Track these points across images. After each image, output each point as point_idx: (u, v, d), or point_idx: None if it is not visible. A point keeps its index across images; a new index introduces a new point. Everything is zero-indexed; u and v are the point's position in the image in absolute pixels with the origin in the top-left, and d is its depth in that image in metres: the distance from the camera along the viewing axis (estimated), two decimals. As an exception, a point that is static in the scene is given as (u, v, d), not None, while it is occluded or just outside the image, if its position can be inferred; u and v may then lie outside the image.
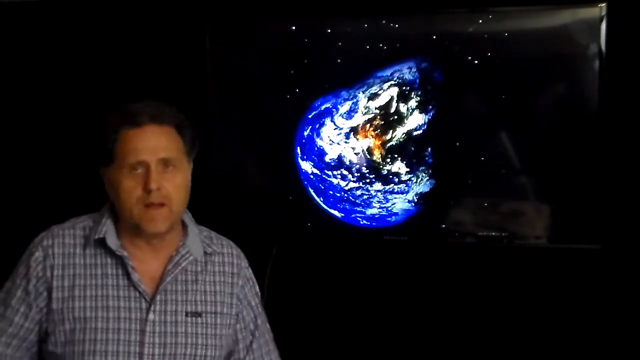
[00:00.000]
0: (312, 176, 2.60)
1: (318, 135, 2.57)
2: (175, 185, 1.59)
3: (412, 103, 2.49)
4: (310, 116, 2.57)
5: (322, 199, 2.60)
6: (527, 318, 2.59)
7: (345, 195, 2.57)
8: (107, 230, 1.62)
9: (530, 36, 2.42)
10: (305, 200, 2.60)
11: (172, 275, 1.62)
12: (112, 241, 1.61)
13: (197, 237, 1.69)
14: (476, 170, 2.47)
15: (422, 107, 2.48)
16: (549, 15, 2.41)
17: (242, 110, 2.61)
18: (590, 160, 2.39)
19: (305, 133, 2.58)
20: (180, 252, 1.65)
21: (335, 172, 2.58)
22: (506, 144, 2.45)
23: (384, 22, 2.49)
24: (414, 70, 2.48)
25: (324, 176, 2.59)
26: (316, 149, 2.58)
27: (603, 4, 2.34)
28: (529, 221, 2.46)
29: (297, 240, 2.66)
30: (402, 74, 2.48)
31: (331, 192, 2.58)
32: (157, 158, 1.57)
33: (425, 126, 2.48)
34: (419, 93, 2.48)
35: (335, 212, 2.59)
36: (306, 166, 2.60)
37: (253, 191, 2.66)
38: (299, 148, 2.59)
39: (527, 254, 2.53)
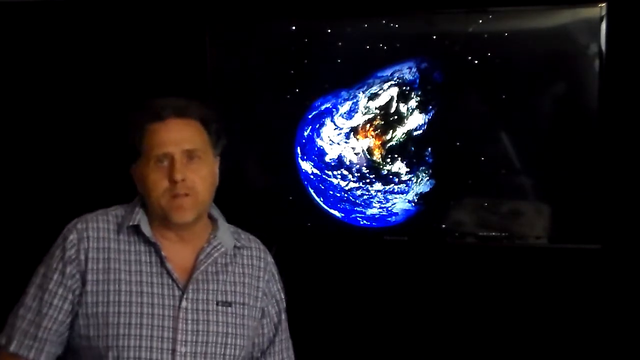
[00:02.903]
0: (312, 176, 2.60)
1: (318, 135, 2.57)
2: (200, 176, 1.61)
3: (412, 103, 2.49)
4: (310, 116, 2.57)
5: (322, 199, 2.60)
6: (527, 318, 2.59)
7: (345, 195, 2.57)
8: (141, 218, 1.63)
9: (530, 36, 2.41)
10: (305, 200, 2.60)
11: (205, 265, 1.64)
12: (146, 229, 1.63)
13: (228, 230, 1.72)
14: (476, 170, 2.47)
15: (422, 107, 2.48)
16: (549, 15, 2.41)
17: (242, 110, 2.61)
18: (590, 160, 2.39)
19: (305, 133, 2.58)
20: (212, 244, 1.67)
21: (335, 172, 2.57)
22: (506, 144, 2.45)
23: (384, 22, 2.49)
24: (414, 70, 2.48)
25: (324, 176, 2.59)
26: (316, 149, 2.58)
27: (603, 4, 2.34)
28: (529, 221, 2.46)
29: (297, 240, 2.65)
30: (402, 74, 2.48)
31: (331, 192, 2.58)
32: (182, 150, 1.60)
33: (425, 126, 2.48)
34: (419, 93, 2.48)
35: (335, 212, 2.59)
36: (306, 166, 2.60)
37: (253, 191, 2.66)
38: (299, 148, 2.59)
39: (527, 254, 2.53)
